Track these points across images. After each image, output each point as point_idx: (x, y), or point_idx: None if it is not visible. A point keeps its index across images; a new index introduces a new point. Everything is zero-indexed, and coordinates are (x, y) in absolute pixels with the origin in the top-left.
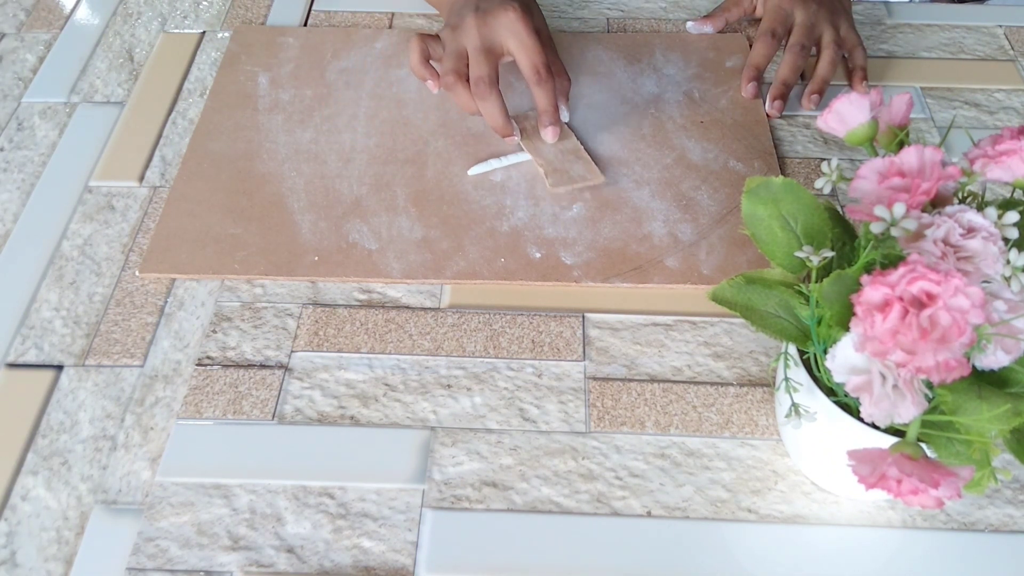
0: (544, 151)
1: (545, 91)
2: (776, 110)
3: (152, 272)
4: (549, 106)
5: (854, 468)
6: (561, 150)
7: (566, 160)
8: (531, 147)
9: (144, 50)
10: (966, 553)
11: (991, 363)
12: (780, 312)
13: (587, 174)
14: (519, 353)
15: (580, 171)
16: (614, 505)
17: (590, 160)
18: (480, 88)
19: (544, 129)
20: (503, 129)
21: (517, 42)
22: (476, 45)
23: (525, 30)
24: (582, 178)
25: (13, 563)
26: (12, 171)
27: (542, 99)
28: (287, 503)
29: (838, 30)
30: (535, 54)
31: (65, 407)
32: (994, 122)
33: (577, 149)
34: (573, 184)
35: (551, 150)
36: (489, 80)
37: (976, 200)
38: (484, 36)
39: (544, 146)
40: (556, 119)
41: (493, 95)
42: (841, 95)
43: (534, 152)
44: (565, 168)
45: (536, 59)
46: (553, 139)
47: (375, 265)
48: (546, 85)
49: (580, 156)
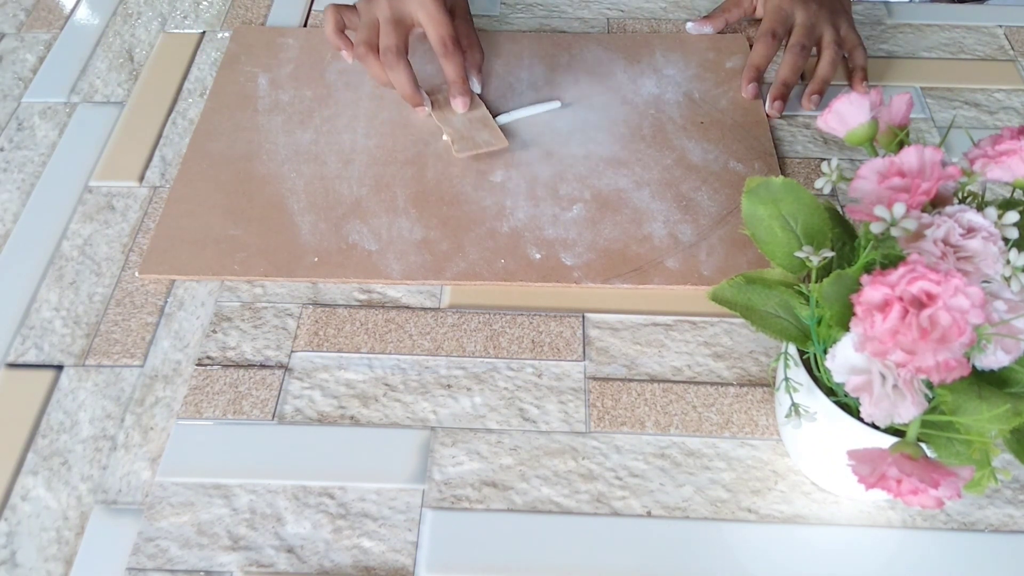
0: (453, 121)
1: (452, 62)
2: (776, 110)
3: (152, 273)
4: (457, 77)
5: (854, 468)
6: (469, 119)
7: (473, 128)
8: (441, 117)
9: (144, 50)
10: (966, 553)
11: (991, 363)
12: (780, 312)
13: (492, 139)
14: (519, 353)
15: (485, 137)
16: (614, 505)
17: (496, 127)
18: (388, 58)
19: (453, 100)
20: (413, 98)
21: (425, 14)
22: (387, 16)
23: (433, 4)
24: (487, 143)
25: (13, 563)
26: (12, 171)
27: (450, 70)
28: (287, 503)
29: (838, 30)
30: (442, 26)
31: (65, 407)
32: (994, 122)
33: (485, 117)
34: (478, 149)
35: (460, 119)
36: (397, 50)
37: (976, 200)
38: (394, 8)
39: (454, 116)
40: (464, 90)
41: (401, 65)
42: (841, 95)
43: (444, 122)
44: (471, 135)
45: (443, 31)
46: (463, 109)
47: (375, 266)
48: (453, 57)
49: (487, 124)
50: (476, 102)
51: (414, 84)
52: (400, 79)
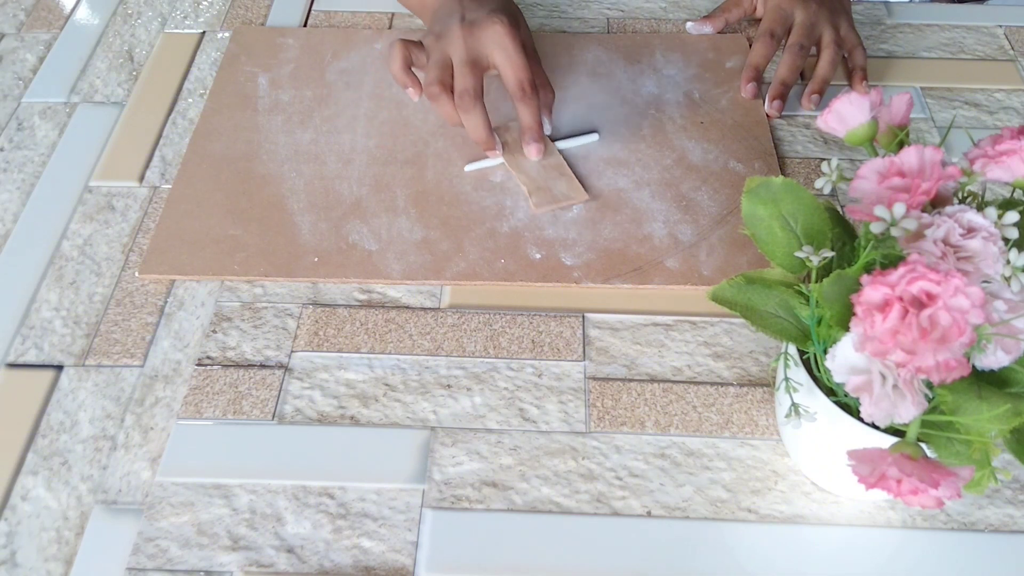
0: (526, 167)
1: (530, 108)
2: (776, 110)
3: (152, 273)
4: (533, 123)
5: (854, 468)
6: (544, 166)
7: (549, 177)
8: (513, 162)
9: (144, 50)
10: (966, 553)
11: (991, 363)
12: (780, 312)
13: (570, 192)
14: (519, 353)
15: (563, 189)
16: (614, 505)
17: (573, 177)
18: (465, 101)
19: (528, 146)
20: (486, 143)
21: (504, 56)
22: (462, 57)
23: (512, 44)
24: (565, 197)
25: (13, 563)
26: (12, 171)
27: (527, 116)
28: (287, 503)
29: (838, 30)
30: (521, 70)
31: (65, 407)
32: (994, 122)
33: (560, 165)
34: (556, 204)
35: (534, 166)
36: (474, 93)
37: (976, 200)
38: (470, 48)
39: (527, 162)
40: (540, 136)
41: (477, 108)
42: (841, 95)
43: (516, 168)
44: (548, 186)
45: (522, 75)
46: (537, 156)
47: (375, 266)
48: (531, 102)
49: (563, 173)
50: (550, 148)
51: (489, 129)
52: (475, 123)
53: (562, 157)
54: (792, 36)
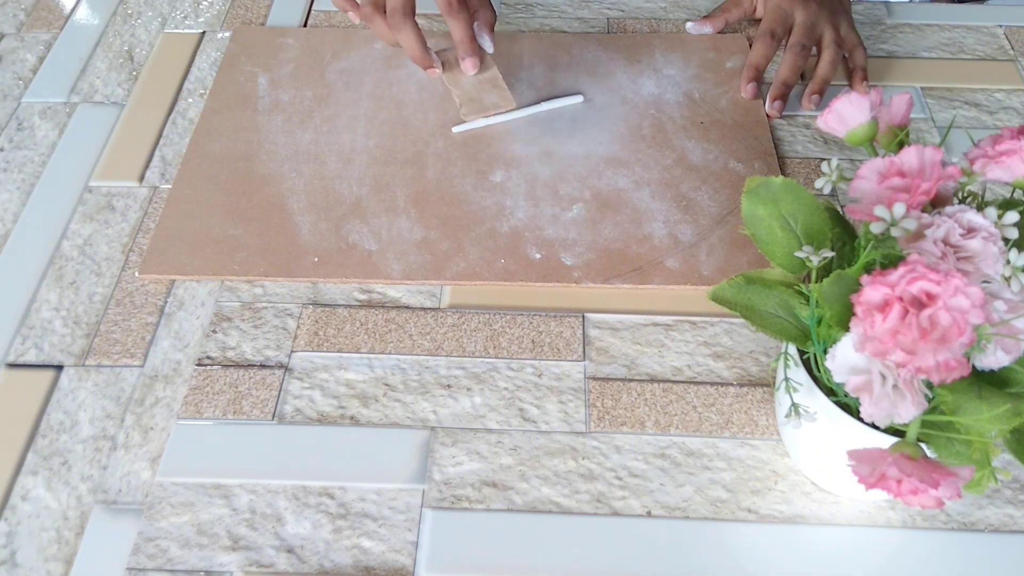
0: (463, 82)
1: (458, 22)
2: (776, 110)
3: (152, 273)
4: (464, 36)
5: (854, 468)
6: (479, 80)
7: (483, 89)
8: (451, 79)
9: (144, 50)
10: (966, 553)
11: (991, 363)
12: (780, 312)
13: (500, 101)
14: (519, 353)
15: (494, 99)
16: (614, 505)
17: (505, 88)
18: (395, 18)
19: (463, 60)
20: (422, 60)
21: None
22: None
23: None
24: (495, 106)
25: (13, 563)
26: (12, 171)
27: (456, 29)
28: (287, 503)
29: (838, 30)
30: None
31: (65, 407)
32: (994, 122)
33: (494, 78)
34: (485, 112)
35: (470, 81)
36: (404, 10)
37: (976, 200)
38: None
39: (464, 77)
40: (472, 50)
41: (408, 25)
42: (841, 95)
43: (453, 84)
44: (479, 97)
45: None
46: (472, 70)
47: (375, 266)
48: (459, 16)
49: (497, 85)
50: (488, 63)
51: (423, 45)
52: (407, 40)
53: (496, 70)
54: (793, 36)
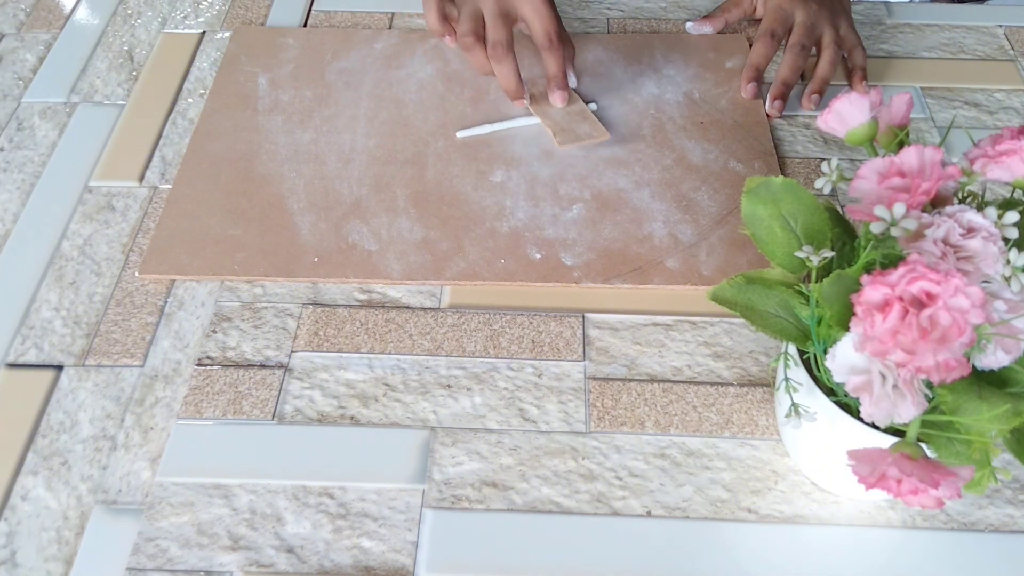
0: (552, 113)
1: (556, 57)
2: (776, 110)
3: (152, 273)
4: (559, 71)
5: (854, 468)
6: (568, 112)
7: (573, 120)
8: (539, 111)
9: (144, 50)
10: (966, 553)
11: (991, 363)
12: (780, 312)
13: (593, 132)
14: (519, 353)
15: (586, 129)
16: (614, 505)
17: (596, 120)
18: (497, 51)
19: (553, 93)
20: (516, 92)
21: (531, 9)
22: (492, 10)
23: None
24: (588, 136)
25: (13, 563)
26: (12, 171)
27: (552, 65)
28: (287, 503)
29: (838, 30)
30: (548, 21)
31: (65, 407)
32: (994, 122)
33: (583, 111)
34: (580, 141)
35: (558, 112)
36: (506, 44)
37: (976, 200)
38: (500, 2)
39: (552, 109)
40: (565, 84)
41: (509, 58)
42: (841, 95)
43: (542, 115)
44: (572, 127)
45: (549, 26)
46: (562, 103)
47: (375, 266)
48: (557, 52)
49: (586, 116)
50: (573, 96)
51: (519, 78)
52: (507, 72)
53: (583, 103)
54: (793, 36)
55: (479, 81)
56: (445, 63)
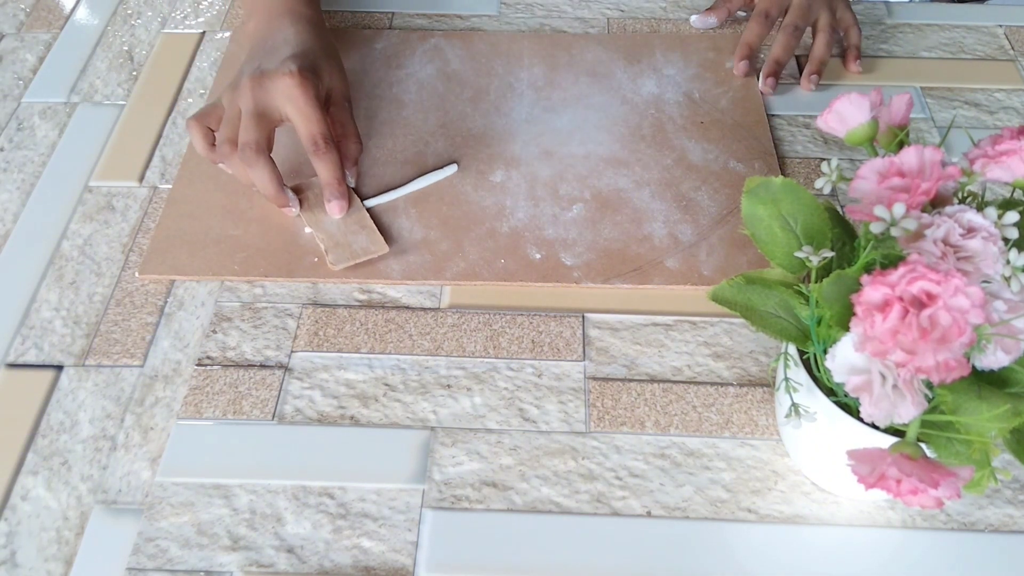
0: (326, 224)
1: (325, 163)
2: (769, 87)
3: (151, 273)
4: (332, 179)
5: (854, 468)
6: (344, 221)
7: (349, 232)
8: (312, 219)
9: (144, 50)
10: (966, 553)
11: (991, 363)
12: (780, 312)
13: (370, 246)
14: (519, 353)
15: (363, 243)
16: (614, 505)
17: (375, 229)
18: (247, 155)
19: (329, 203)
20: (277, 199)
21: (294, 109)
22: (249, 109)
23: (303, 96)
24: (365, 251)
25: (13, 563)
26: (12, 171)
27: (324, 172)
28: (287, 503)
29: (834, 12)
30: (313, 123)
31: (65, 407)
32: (994, 122)
33: (361, 219)
34: (355, 260)
35: (334, 222)
36: (256, 146)
37: (976, 200)
38: (258, 99)
39: (327, 218)
40: (340, 192)
41: (261, 162)
42: (841, 95)
43: (315, 225)
44: (347, 242)
45: (314, 129)
46: (339, 214)
47: (375, 266)
48: (326, 156)
49: (364, 226)
50: (354, 203)
51: (278, 184)
52: (261, 178)
53: (364, 210)
54: (788, 17)
55: (479, 81)
56: (445, 63)
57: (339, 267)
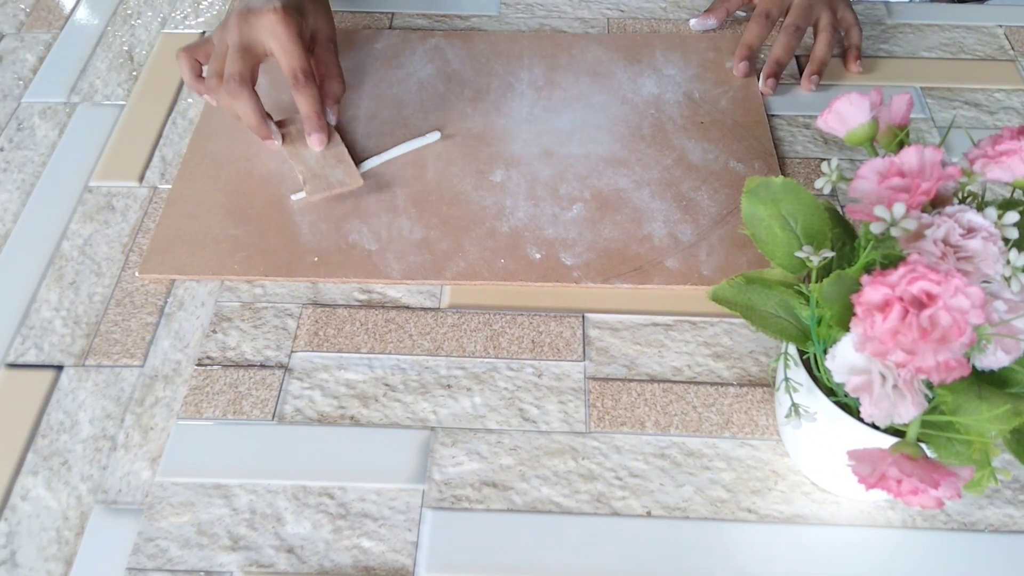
0: (306, 157)
1: (305, 96)
2: (770, 87)
3: (152, 273)
4: (311, 111)
5: (854, 468)
6: (323, 155)
7: (327, 165)
8: (293, 152)
9: (144, 50)
10: (966, 553)
11: (991, 363)
12: (780, 312)
13: (346, 178)
14: (519, 353)
15: (339, 176)
16: (614, 505)
17: (351, 163)
18: (231, 86)
19: (309, 136)
20: (259, 130)
21: (277, 45)
22: (235, 42)
23: (286, 32)
24: (341, 183)
25: (13, 563)
26: (12, 171)
27: (304, 104)
28: (287, 503)
29: (835, 13)
30: (295, 58)
31: (65, 407)
32: (994, 122)
33: (340, 153)
34: (331, 190)
35: (314, 156)
36: (241, 78)
37: (976, 200)
38: (244, 34)
39: (307, 152)
40: (319, 125)
41: (245, 93)
42: (841, 95)
43: (296, 158)
44: (324, 174)
45: (295, 63)
46: (319, 146)
47: (375, 266)
48: (306, 90)
49: (341, 160)
50: (334, 138)
51: (260, 114)
52: (245, 108)
53: (343, 146)
54: (788, 17)
55: (479, 81)
56: (445, 63)
57: (315, 197)
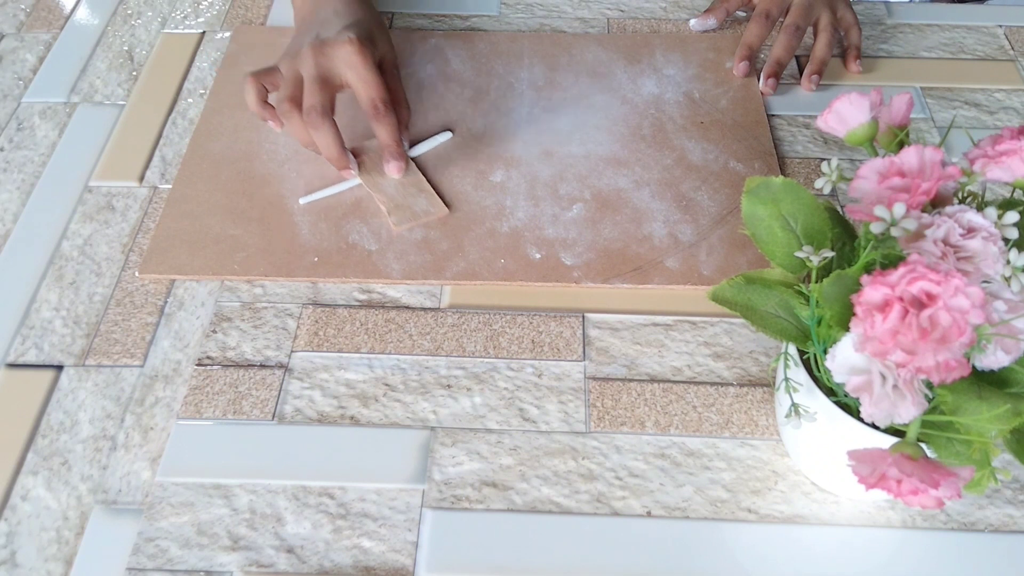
0: (384, 186)
1: (385, 126)
2: (770, 87)
3: (152, 273)
4: (391, 140)
5: (854, 468)
6: (402, 183)
7: (408, 195)
8: (371, 182)
9: (144, 50)
10: (966, 553)
11: (991, 363)
12: (780, 312)
13: (430, 208)
14: (519, 353)
15: (423, 205)
16: (614, 505)
17: (433, 192)
18: (312, 117)
19: (388, 164)
20: (338, 162)
21: (355, 75)
22: (312, 74)
23: (362, 63)
24: (426, 213)
25: (13, 563)
26: (12, 171)
27: (383, 134)
28: (287, 503)
29: (835, 12)
30: (373, 88)
31: (65, 407)
32: (994, 122)
33: (419, 182)
34: (416, 220)
35: (392, 185)
36: (321, 109)
37: (976, 200)
38: (320, 65)
39: (385, 181)
40: (399, 153)
41: (326, 125)
42: (841, 95)
43: (374, 188)
44: (407, 204)
45: (374, 93)
46: (398, 174)
47: (375, 266)
48: (385, 119)
49: (422, 189)
50: (410, 166)
51: (340, 146)
52: (325, 141)
53: (421, 174)
54: (788, 17)
55: (479, 81)
56: (445, 63)
57: (402, 227)
